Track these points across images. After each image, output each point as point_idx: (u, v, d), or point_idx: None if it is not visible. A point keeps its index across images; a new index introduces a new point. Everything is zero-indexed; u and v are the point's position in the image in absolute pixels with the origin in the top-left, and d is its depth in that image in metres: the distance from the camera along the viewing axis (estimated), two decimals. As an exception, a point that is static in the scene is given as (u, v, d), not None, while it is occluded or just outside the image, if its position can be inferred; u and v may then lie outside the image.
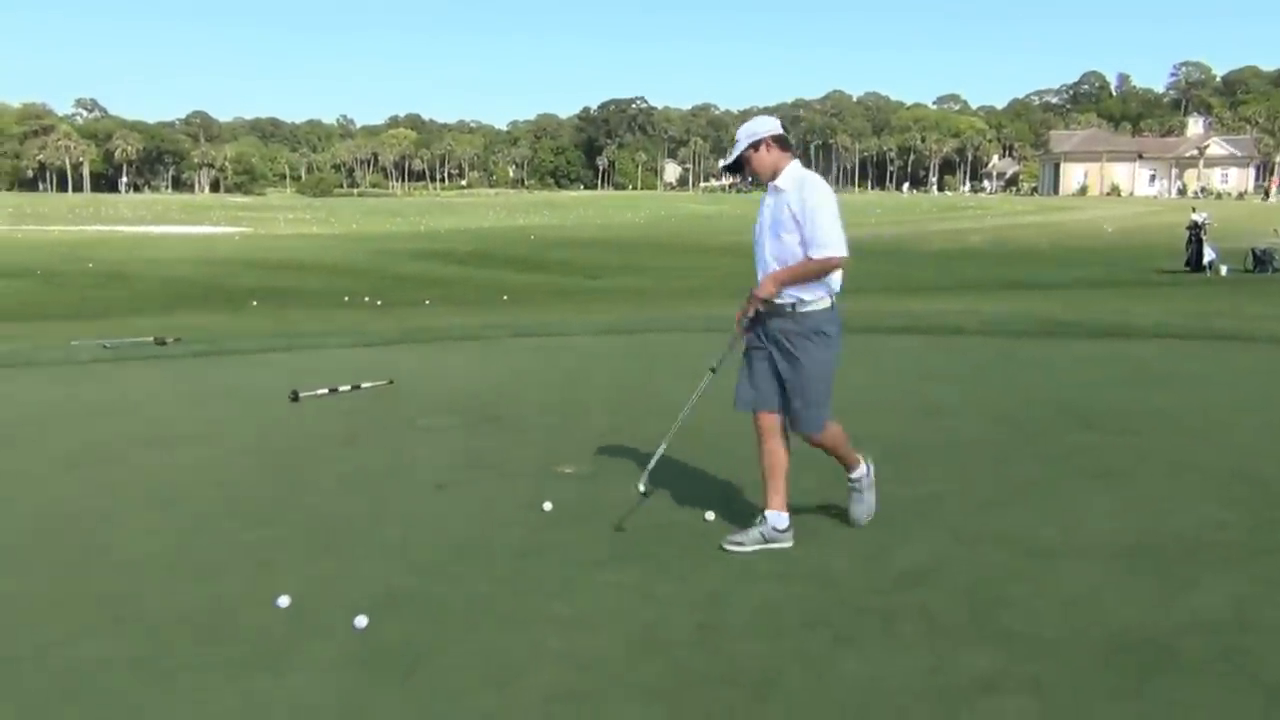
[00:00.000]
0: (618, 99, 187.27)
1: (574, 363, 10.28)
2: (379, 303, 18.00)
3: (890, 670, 3.61)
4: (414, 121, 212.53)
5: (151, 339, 12.13)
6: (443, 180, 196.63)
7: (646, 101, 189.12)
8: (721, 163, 5.09)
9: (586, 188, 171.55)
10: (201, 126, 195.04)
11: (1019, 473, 6.02)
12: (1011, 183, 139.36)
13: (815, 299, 4.71)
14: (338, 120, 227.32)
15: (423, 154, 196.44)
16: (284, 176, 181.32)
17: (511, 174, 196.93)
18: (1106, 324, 11.89)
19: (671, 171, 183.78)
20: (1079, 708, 3.33)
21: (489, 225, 52.61)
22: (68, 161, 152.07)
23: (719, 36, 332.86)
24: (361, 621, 3.98)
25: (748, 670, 3.62)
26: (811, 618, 4.04)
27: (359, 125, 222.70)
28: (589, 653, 3.77)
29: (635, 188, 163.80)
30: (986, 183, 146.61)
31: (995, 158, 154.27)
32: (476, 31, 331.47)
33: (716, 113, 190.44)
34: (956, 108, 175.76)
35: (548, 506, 5.40)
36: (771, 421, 4.88)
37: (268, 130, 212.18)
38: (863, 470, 5.10)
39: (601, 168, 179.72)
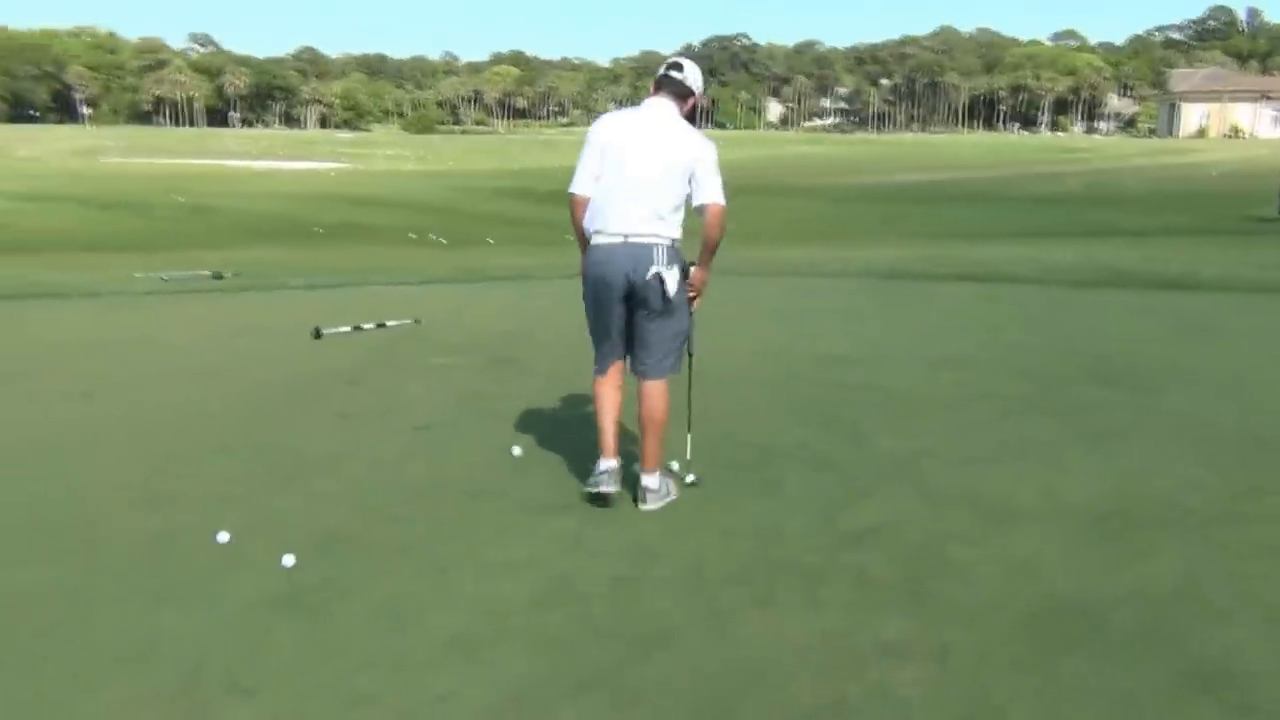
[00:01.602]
0: (721, 35, 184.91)
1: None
2: (444, 241, 18.15)
3: (797, 632, 3.50)
4: (517, 58, 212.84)
5: (209, 273, 12.43)
6: (545, 118, 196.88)
7: (750, 38, 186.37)
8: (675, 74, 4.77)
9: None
10: (310, 62, 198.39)
11: (1015, 430, 5.78)
12: (1130, 124, 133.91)
13: None
14: (442, 56, 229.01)
15: (525, 91, 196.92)
16: (388, 113, 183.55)
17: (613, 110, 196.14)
18: (1170, 275, 11.35)
19: (774, 110, 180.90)
20: (977, 679, 3.19)
21: (553, 164, 52.36)
22: (180, 96, 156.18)
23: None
24: (288, 560, 4.03)
25: (648, 625, 3.55)
26: (736, 575, 3.95)
27: (463, 61, 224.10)
28: (499, 599, 3.74)
29: (737, 127, 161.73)
30: (1102, 124, 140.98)
31: (1113, 97, 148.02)
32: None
33: (821, 50, 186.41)
34: (1074, 44, 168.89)
35: (517, 451, 5.39)
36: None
37: (375, 66, 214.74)
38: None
39: (702, 106, 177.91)
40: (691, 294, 4.71)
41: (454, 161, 59.29)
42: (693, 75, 4.65)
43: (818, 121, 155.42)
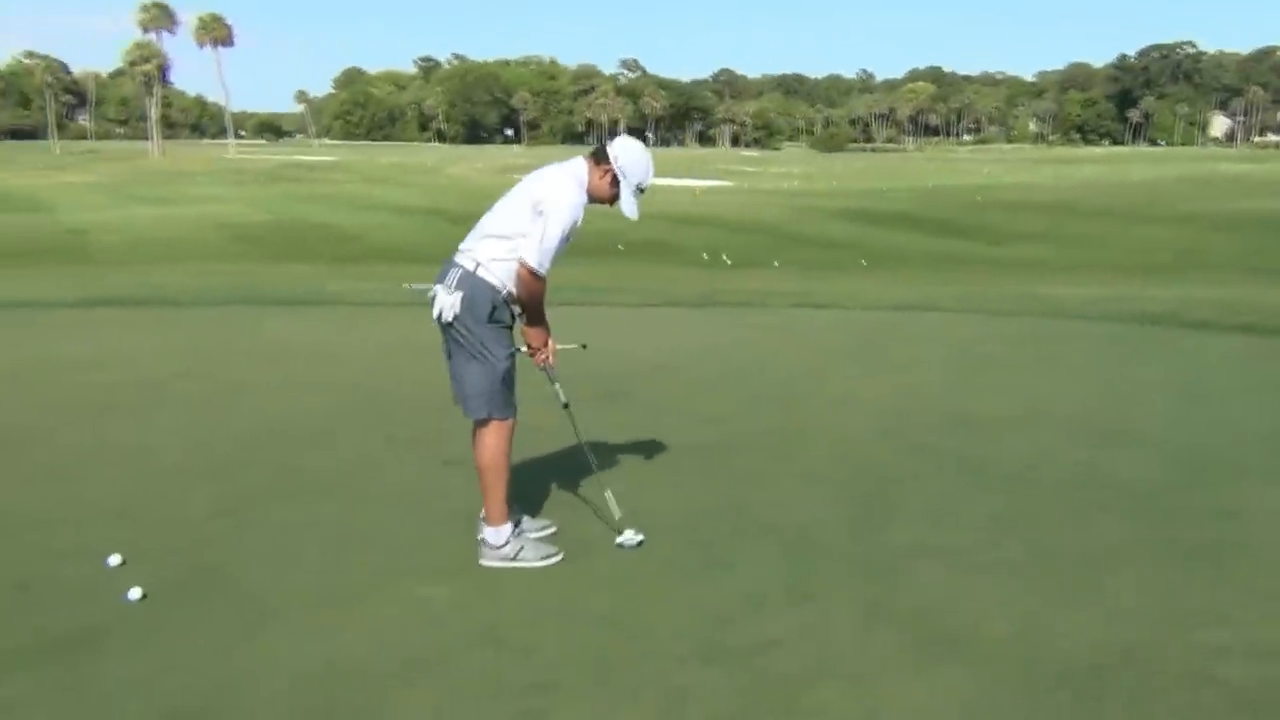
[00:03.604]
0: (1161, 44, 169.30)
1: (795, 340, 9.50)
2: (728, 261, 17.88)
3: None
4: (934, 74, 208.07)
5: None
6: (957, 135, 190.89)
7: (1195, 45, 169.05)
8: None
9: (1114, 143, 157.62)
10: (728, 83, 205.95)
11: (1074, 542, 4.57)
12: None
13: None
14: (858, 74, 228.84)
15: (939, 107, 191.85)
16: (800, 131, 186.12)
17: (1033, 128, 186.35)
18: None
19: (1219, 125, 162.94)
20: None
21: (934, 184, 50.02)
22: (606, 118, 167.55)
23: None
24: (113, 560, 4.18)
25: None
26: (547, 667, 3.36)
27: (879, 79, 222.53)
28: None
29: (1171, 143, 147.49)
30: None
31: None
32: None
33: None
34: None
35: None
36: None
37: (791, 86, 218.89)
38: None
39: (1134, 121, 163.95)
40: (528, 351, 4.40)
41: (838, 181, 58.70)
42: (621, 153, 4.27)
43: (1270, 137, 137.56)
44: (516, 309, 4.30)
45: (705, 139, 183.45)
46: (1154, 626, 3.68)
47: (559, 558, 4.31)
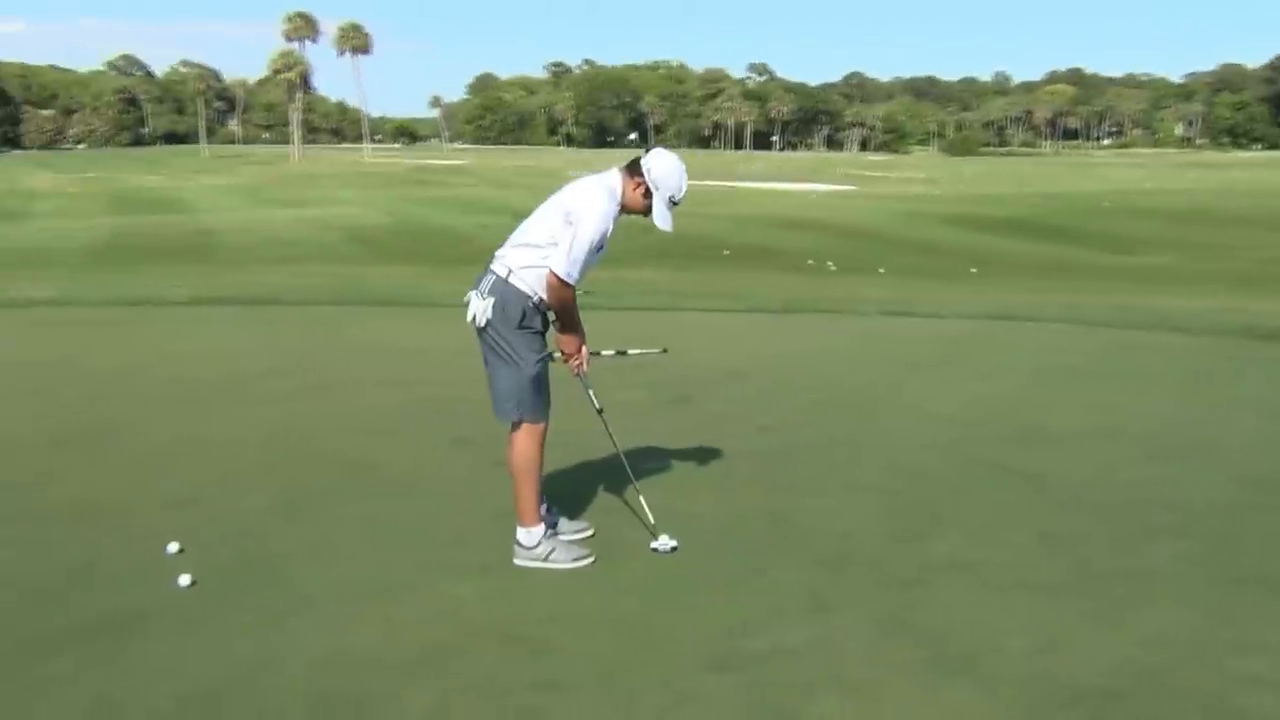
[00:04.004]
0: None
1: (877, 348, 9.37)
2: (832, 267, 17.69)
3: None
4: (1075, 76, 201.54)
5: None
6: (1097, 139, 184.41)
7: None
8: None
9: (1269, 148, 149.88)
10: (858, 87, 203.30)
11: (1108, 564, 4.42)
12: None
13: None
14: (994, 76, 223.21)
15: (1079, 110, 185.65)
16: (930, 135, 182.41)
17: (1179, 132, 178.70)
18: None
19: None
20: None
21: (1059, 190, 48.25)
22: (731, 121, 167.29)
23: None
24: (172, 547, 4.42)
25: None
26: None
27: (1016, 81, 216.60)
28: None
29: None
30: None
31: None
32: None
33: None
34: None
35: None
36: None
37: (923, 88, 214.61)
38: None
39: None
40: (562, 358, 4.45)
41: (964, 185, 57.28)
42: (655, 165, 4.31)
43: None
44: (552, 315, 4.38)
45: (833, 143, 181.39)
46: (1183, 652, 3.55)
47: (590, 560, 4.38)
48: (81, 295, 12.50)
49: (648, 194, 4.30)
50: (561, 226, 4.18)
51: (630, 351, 9.20)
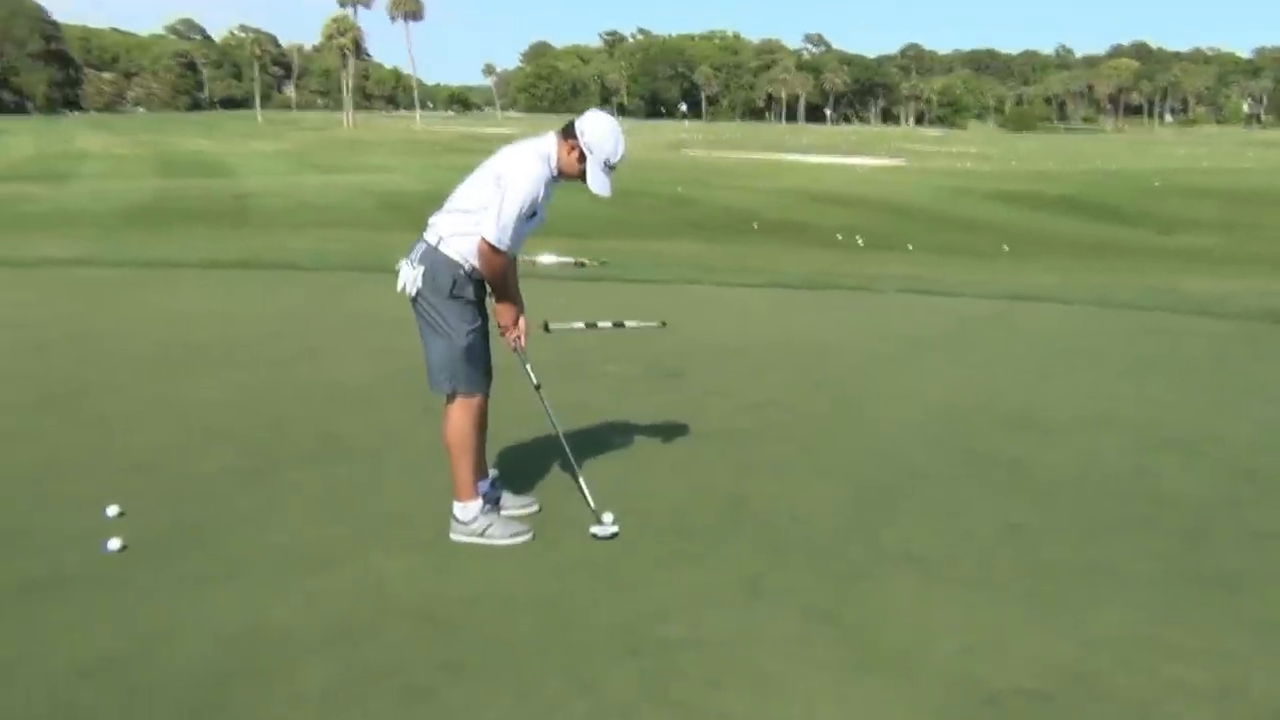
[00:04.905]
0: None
1: (883, 327, 9.15)
2: (861, 244, 17.37)
3: None
4: (1139, 50, 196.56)
5: (572, 260, 13.04)
6: (1160, 115, 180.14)
7: None
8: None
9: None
10: (915, 59, 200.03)
11: (1066, 559, 4.24)
12: None
13: None
14: (1056, 50, 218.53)
15: (1142, 85, 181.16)
16: (989, 109, 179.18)
17: (1246, 109, 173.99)
18: None
19: None
20: None
21: (1113, 167, 47.02)
22: (785, 93, 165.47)
23: None
24: (111, 510, 4.38)
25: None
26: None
27: (1078, 55, 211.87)
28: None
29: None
30: None
31: None
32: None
33: None
34: None
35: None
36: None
37: (983, 62, 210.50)
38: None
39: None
40: (500, 330, 4.35)
41: (1017, 161, 56.15)
42: (589, 128, 4.18)
43: None
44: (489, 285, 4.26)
45: (889, 116, 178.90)
46: (1123, 654, 3.38)
47: (528, 537, 4.28)
48: (103, 256, 12.57)
49: (582, 158, 4.15)
50: (492, 191, 4.05)
51: (628, 324, 9.10)
